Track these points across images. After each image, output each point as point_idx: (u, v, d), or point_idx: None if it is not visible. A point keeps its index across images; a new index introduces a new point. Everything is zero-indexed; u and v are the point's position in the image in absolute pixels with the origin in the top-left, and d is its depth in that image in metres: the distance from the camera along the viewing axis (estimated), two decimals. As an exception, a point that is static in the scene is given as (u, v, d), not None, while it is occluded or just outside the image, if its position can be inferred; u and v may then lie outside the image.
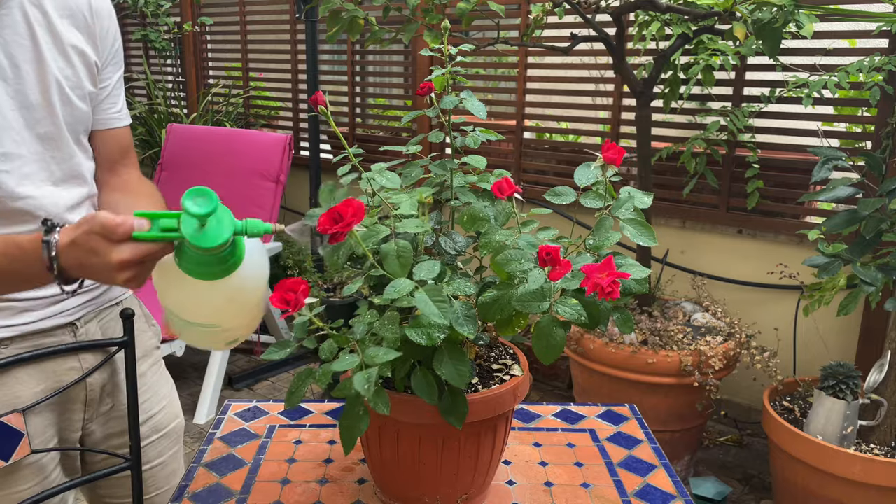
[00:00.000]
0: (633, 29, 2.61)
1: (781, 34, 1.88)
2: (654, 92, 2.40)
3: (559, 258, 0.81)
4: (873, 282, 1.79)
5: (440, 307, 0.83)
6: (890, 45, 2.36)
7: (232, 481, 1.12)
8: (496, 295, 0.87)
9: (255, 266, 0.86)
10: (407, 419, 0.95)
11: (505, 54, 3.27)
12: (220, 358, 2.93)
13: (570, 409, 1.39)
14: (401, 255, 0.87)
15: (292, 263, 3.73)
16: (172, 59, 4.61)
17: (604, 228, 0.92)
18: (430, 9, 2.28)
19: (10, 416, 1.04)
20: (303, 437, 1.25)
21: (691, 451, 2.51)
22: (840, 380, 2.00)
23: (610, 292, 0.78)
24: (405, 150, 1.08)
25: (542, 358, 0.85)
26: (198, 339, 0.94)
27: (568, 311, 0.83)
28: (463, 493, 1.02)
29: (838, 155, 1.94)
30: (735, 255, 2.80)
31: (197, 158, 3.45)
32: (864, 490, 1.91)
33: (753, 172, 2.53)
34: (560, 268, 0.81)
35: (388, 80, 4.06)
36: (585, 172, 0.96)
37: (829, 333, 2.61)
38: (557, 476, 1.15)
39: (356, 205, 0.82)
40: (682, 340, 2.36)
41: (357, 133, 3.99)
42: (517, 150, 3.29)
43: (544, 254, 0.81)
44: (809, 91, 2.25)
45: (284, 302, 0.80)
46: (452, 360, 0.88)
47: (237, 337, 0.94)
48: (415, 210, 0.94)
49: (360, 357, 0.84)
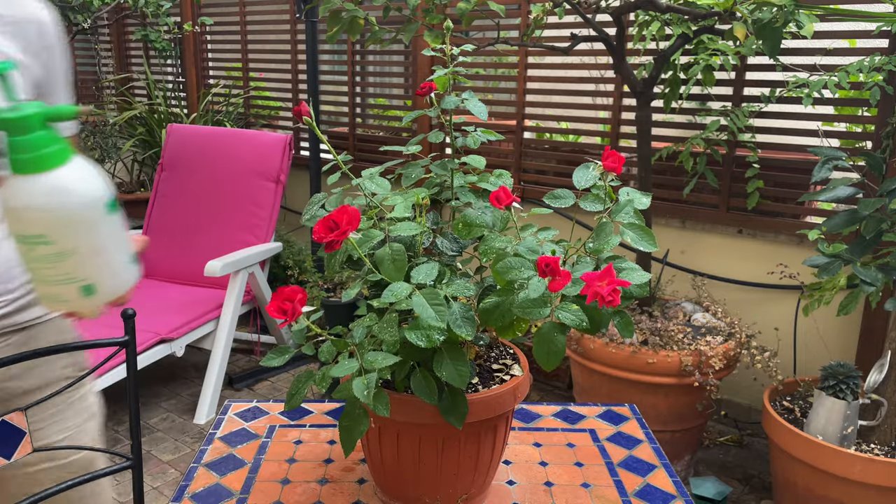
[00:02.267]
0: (633, 29, 2.61)
1: (781, 34, 1.88)
2: (654, 92, 2.40)
3: (559, 269, 0.81)
4: (873, 282, 1.79)
5: (437, 310, 0.83)
6: (890, 45, 2.36)
7: (232, 481, 1.12)
8: (497, 301, 0.87)
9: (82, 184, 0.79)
10: (407, 419, 0.95)
11: (505, 54, 3.27)
12: (221, 358, 2.93)
13: (570, 409, 1.39)
14: (395, 258, 0.87)
15: (292, 263, 3.73)
16: (172, 59, 4.61)
17: (604, 233, 0.92)
18: (430, 9, 2.28)
19: (11, 415, 1.05)
20: (303, 437, 1.25)
21: (691, 451, 2.51)
22: (840, 380, 2.00)
23: (610, 301, 0.78)
24: (405, 151, 1.08)
25: (544, 364, 0.85)
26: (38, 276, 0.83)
27: (569, 317, 0.83)
28: (463, 493, 1.02)
29: (838, 155, 1.94)
30: (735, 255, 2.80)
31: (197, 158, 3.45)
32: (865, 490, 1.91)
33: (753, 172, 2.53)
34: (560, 278, 0.81)
35: (388, 80, 4.06)
36: (584, 174, 0.96)
37: (829, 333, 2.61)
38: (557, 476, 1.15)
39: (351, 212, 0.82)
40: (682, 340, 2.36)
41: (357, 133, 3.99)
42: (517, 150, 3.29)
43: (544, 265, 0.81)
44: (809, 91, 2.25)
45: (282, 311, 0.80)
46: (452, 360, 0.88)
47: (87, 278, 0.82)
48: (409, 212, 0.94)
49: (359, 361, 0.84)
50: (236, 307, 3.00)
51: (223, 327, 2.95)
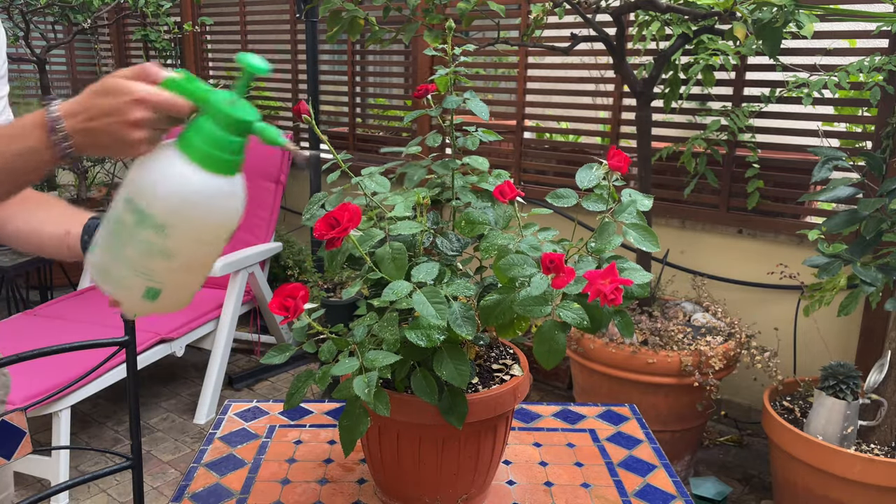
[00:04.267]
0: (633, 29, 2.61)
1: (781, 34, 1.88)
2: (654, 92, 2.40)
3: (563, 266, 0.81)
4: (873, 282, 1.79)
5: (438, 309, 0.83)
6: (890, 45, 2.36)
7: (232, 481, 1.12)
8: (498, 299, 0.87)
9: (231, 202, 0.77)
10: (407, 419, 0.95)
11: (505, 54, 3.27)
12: (220, 358, 2.93)
13: (570, 409, 1.39)
14: (396, 257, 0.87)
15: (292, 263, 3.73)
16: (173, 59, 4.61)
17: (606, 232, 0.92)
18: (430, 9, 2.28)
19: (12, 415, 1.05)
20: (303, 437, 1.25)
21: (691, 451, 2.51)
22: (840, 380, 2.00)
23: (613, 299, 0.78)
24: (405, 152, 1.08)
25: (544, 363, 0.85)
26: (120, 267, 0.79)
27: (570, 316, 0.83)
28: (463, 493, 1.02)
29: (838, 155, 1.94)
30: (735, 255, 2.80)
31: (197, 158, 3.44)
32: (865, 490, 1.91)
33: (753, 172, 2.53)
34: (564, 275, 0.81)
35: (388, 80, 4.06)
36: (587, 175, 0.96)
37: (829, 333, 2.61)
38: (557, 476, 1.15)
39: (352, 209, 0.82)
40: (682, 340, 2.36)
41: (357, 133, 3.99)
42: (517, 150, 3.29)
43: (548, 261, 0.81)
44: (809, 91, 2.25)
45: (284, 308, 0.80)
46: (453, 360, 0.88)
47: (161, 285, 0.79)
48: (409, 212, 0.94)
49: (359, 360, 0.84)
50: (236, 307, 3.00)
51: (223, 327, 2.95)
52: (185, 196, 0.73)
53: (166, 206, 0.74)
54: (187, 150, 0.73)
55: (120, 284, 0.80)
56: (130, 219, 0.75)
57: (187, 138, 0.74)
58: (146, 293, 0.79)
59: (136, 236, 0.75)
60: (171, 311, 0.84)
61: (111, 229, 0.78)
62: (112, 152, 0.77)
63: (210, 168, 0.73)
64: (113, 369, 2.48)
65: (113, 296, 0.82)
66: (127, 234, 0.76)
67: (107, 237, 0.79)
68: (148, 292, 0.79)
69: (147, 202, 0.74)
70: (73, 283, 3.87)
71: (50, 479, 2.31)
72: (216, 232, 0.78)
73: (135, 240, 0.76)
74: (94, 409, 2.95)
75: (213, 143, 0.73)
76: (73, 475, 2.41)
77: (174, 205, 0.74)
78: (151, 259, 0.76)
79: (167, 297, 0.81)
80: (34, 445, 1.09)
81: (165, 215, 0.74)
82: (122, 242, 0.77)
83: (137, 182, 0.75)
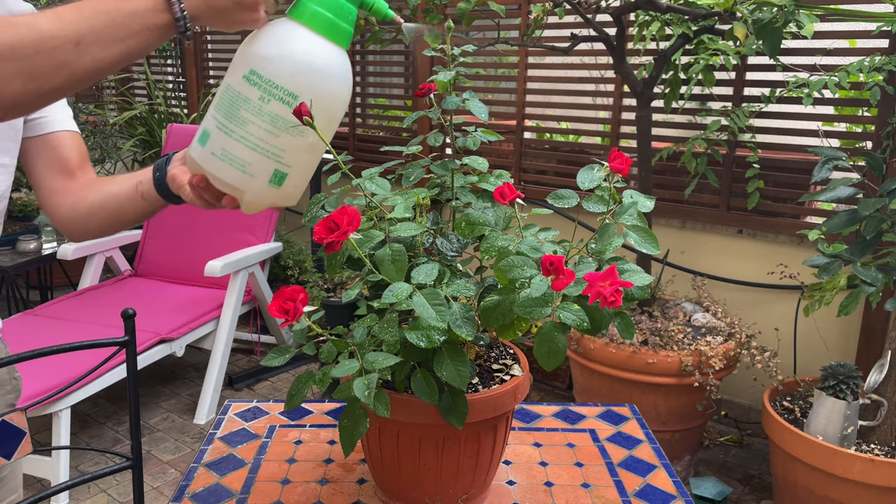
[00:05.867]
0: (633, 29, 2.61)
1: (782, 34, 1.88)
2: (654, 92, 2.40)
3: (563, 268, 0.81)
4: (873, 282, 1.79)
5: (438, 310, 0.83)
6: (890, 45, 2.36)
7: (232, 481, 1.12)
8: (498, 300, 0.87)
9: (349, 74, 0.78)
10: (407, 419, 0.95)
11: (505, 54, 3.27)
12: (221, 358, 2.93)
13: (570, 409, 1.39)
14: (395, 259, 0.87)
15: (292, 263, 3.73)
16: (173, 59, 4.61)
17: (607, 234, 0.92)
18: (430, 9, 2.28)
19: (12, 415, 1.04)
20: (303, 438, 1.25)
21: (691, 451, 2.51)
22: (840, 380, 2.00)
23: (612, 301, 0.78)
24: (406, 151, 1.08)
25: (545, 364, 0.85)
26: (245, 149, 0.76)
27: (570, 317, 0.83)
28: (463, 493, 1.02)
29: (838, 155, 1.94)
30: (735, 255, 2.80)
31: (197, 158, 3.44)
32: (865, 490, 1.91)
33: (754, 172, 2.52)
34: (564, 277, 0.81)
35: (388, 80, 4.06)
36: (588, 175, 0.96)
37: (829, 333, 2.61)
38: (557, 476, 1.15)
39: (351, 212, 0.82)
40: (682, 340, 2.36)
41: (357, 133, 3.99)
42: (517, 150, 3.29)
43: (548, 264, 0.81)
44: (809, 91, 2.25)
45: (283, 311, 0.80)
46: (453, 361, 0.88)
47: (288, 168, 0.77)
48: (409, 213, 0.94)
49: (359, 362, 0.84)
50: (236, 307, 3.00)
51: (223, 327, 2.95)
52: (315, 65, 0.74)
53: (296, 76, 0.74)
54: (309, 20, 0.74)
55: (246, 170, 0.77)
56: (255, 94, 0.74)
57: (305, 8, 0.74)
58: (273, 177, 0.77)
59: (263, 111, 0.75)
60: (287, 203, 0.82)
61: (230, 111, 0.76)
62: (227, 21, 0.75)
63: (333, 37, 0.75)
64: (113, 369, 2.48)
65: (235, 185, 0.78)
66: (254, 111, 0.75)
67: (224, 122, 0.77)
68: (275, 175, 0.77)
69: (275, 73, 0.74)
70: (73, 283, 3.87)
71: (50, 479, 2.31)
72: (339, 104, 0.78)
73: (262, 115, 0.75)
74: (94, 409, 2.95)
75: (335, 11, 0.74)
76: (73, 475, 2.42)
77: (304, 73, 0.74)
78: (280, 135, 0.75)
79: (290, 183, 0.79)
80: (34, 445, 1.09)
81: (295, 85, 0.74)
82: (245, 121, 0.75)
83: (262, 54, 0.75)
